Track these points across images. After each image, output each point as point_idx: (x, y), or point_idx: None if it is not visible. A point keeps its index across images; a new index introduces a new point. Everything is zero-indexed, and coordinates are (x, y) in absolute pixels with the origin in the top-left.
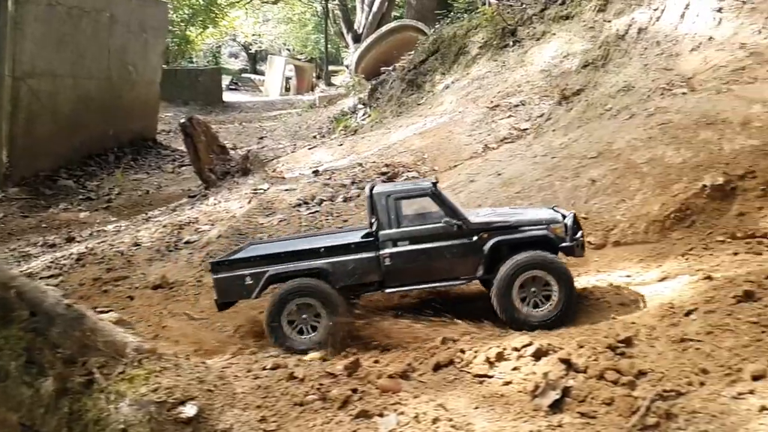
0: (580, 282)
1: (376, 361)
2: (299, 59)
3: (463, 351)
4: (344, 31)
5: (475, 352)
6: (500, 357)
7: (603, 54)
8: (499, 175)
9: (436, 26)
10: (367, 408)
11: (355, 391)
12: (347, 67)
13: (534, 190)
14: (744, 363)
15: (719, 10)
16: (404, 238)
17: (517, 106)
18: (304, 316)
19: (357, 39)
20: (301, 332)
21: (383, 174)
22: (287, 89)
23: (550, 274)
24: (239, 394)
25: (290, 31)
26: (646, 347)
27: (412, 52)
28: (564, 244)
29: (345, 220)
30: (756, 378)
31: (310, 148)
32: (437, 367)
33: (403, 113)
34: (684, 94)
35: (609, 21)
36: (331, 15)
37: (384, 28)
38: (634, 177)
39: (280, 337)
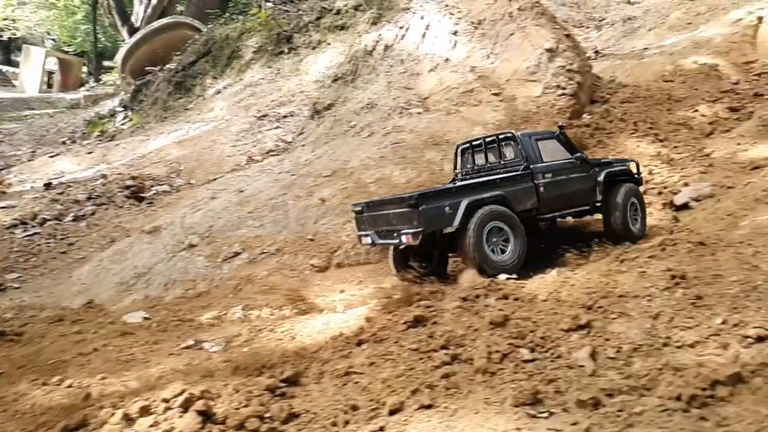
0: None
1: None
2: (66, 51)
3: (102, 408)
4: (119, 23)
5: (115, 408)
6: (145, 411)
7: (353, 69)
8: (241, 192)
9: (208, 26)
10: None
11: None
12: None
13: (267, 210)
14: (390, 396)
15: (455, 33)
16: (548, 171)
17: (285, 116)
18: (494, 239)
19: (134, 33)
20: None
21: (127, 188)
22: (49, 85)
23: (638, 201)
24: None
25: (54, 18)
26: (312, 384)
27: (180, 53)
28: (637, 177)
29: (71, 244)
30: (393, 412)
31: (51, 156)
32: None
33: (168, 118)
34: (419, 113)
35: (360, 35)
36: (104, 4)
37: (156, 24)
38: (362, 197)
39: (487, 265)
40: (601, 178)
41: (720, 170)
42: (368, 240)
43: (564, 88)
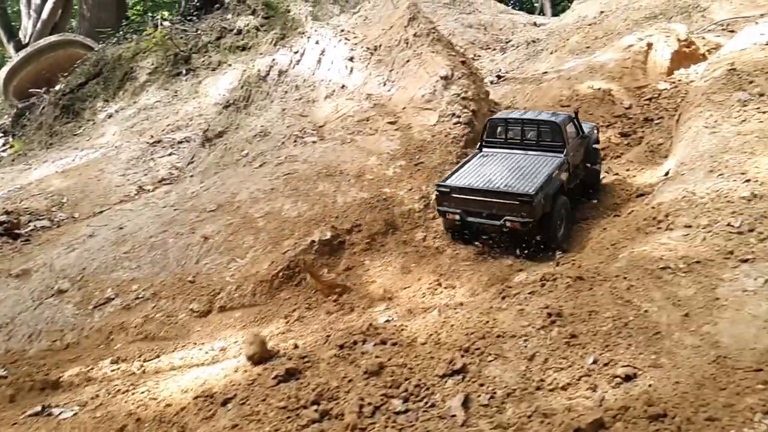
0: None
1: None
2: None
3: None
4: (4, 39)
5: None
6: None
7: (245, 95)
8: (121, 229)
9: (99, 46)
10: None
11: None
12: None
13: (145, 249)
14: None
15: (351, 59)
16: (572, 151)
17: (181, 142)
18: (558, 219)
19: (21, 50)
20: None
21: (0, 224)
22: None
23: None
24: None
25: None
26: None
27: (68, 73)
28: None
29: None
30: None
31: None
32: None
33: (54, 145)
34: (314, 142)
35: (253, 60)
36: None
37: (44, 41)
38: (249, 233)
39: (556, 237)
40: (590, 146)
41: (609, 197)
42: (457, 216)
43: (459, 117)
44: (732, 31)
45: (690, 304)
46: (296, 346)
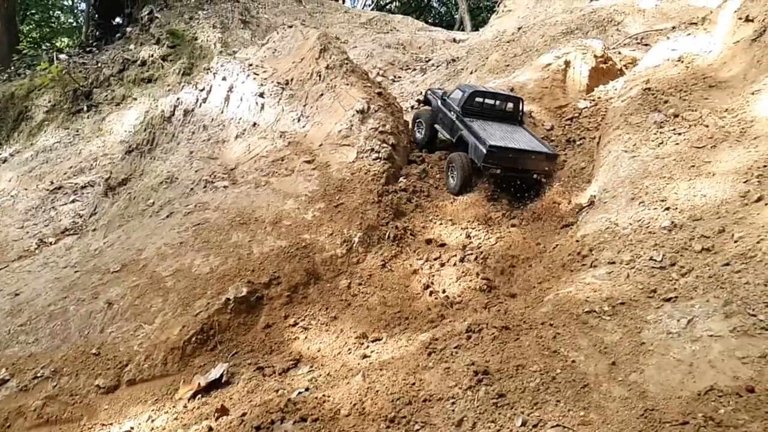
0: None
1: None
2: None
3: None
4: None
5: None
6: None
7: (149, 138)
8: (16, 296)
9: None
10: None
11: None
12: None
13: (44, 320)
14: None
15: (261, 95)
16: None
17: (84, 187)
18: None
19: None
20: None
21: None
22: None
23: None
24: None
25: None
26: None
27: None
28: None
29: None
30: None
31: None
32: None
33: None
34: (225, 187)
35: (156, 100)
36: None
37: None
38: (157, 294)
39: None
40: None
41: (538, 227)
42: (498, 171)
43: (378, 152)
44: (646, 45)
45: (616, 350)
46: (210, 429)
